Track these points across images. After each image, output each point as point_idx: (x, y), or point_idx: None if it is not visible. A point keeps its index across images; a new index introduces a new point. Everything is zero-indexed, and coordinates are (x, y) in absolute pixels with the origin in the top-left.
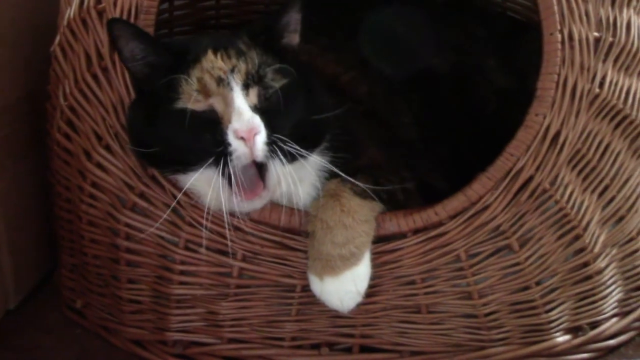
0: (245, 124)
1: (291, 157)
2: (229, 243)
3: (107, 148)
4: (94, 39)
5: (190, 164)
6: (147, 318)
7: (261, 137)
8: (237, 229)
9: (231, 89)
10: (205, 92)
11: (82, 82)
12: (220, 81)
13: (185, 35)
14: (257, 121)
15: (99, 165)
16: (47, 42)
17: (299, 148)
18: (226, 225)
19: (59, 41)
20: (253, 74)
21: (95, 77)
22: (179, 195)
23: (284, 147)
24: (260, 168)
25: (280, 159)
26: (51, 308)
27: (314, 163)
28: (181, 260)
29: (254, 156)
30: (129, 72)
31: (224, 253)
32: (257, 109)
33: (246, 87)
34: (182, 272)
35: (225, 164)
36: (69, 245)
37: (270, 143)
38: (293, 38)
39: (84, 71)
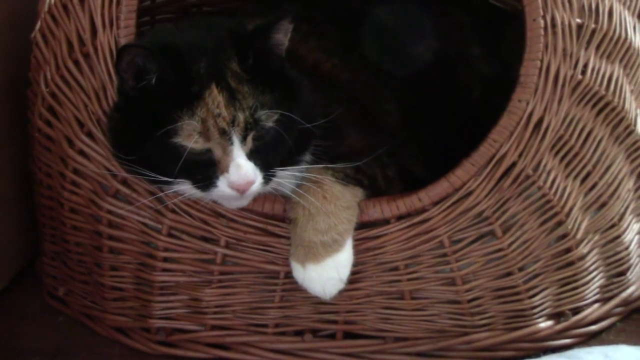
0: (243, 177)
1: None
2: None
3: (89, 134)
4: (75, 25)
5: (171, 183)
6: (129, 305)
7: (257, 185)
8: (220, 215)
9: (232, 143)
10: (206, 136)
11: (64, 68)
12: (223, 132)
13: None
14: (254, 174)
15: (81, 152)
16: (28, 28)
17: (288, 167)
18: None
19: (40, 27)
20: (250, 122)
21: (76, 63)
22: None
23: (276, 175)
24: None
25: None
26: (33, 296)
27: None
28: (164, 247)
29: (246, 197)
30: (121, 85)
31: (207, 240)
32: (252, 153)
33: (244, 137)
34: (165, 259)
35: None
36: (51, 232)
37: (265, 181)
38: (282, 49)
39: (65, 57)
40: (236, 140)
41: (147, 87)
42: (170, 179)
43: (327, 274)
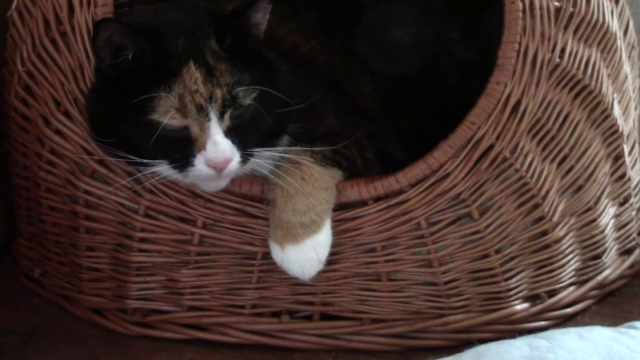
0: (220, 154)
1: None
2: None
3: (66, 114)
4: (52, 3)
5: (149, 165)
6: (106, 286)
7: (234, 163)
8: (197, 196)
9: (209, 120)
10: (183, 112)
11: (41, 47)
12: (200, 109)
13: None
14: (231, 152)
15: (58, 132)
16: (4, 7)
17: (267, 149)
18: None
19: (16, 5)
20: (228, 99)
21: (53, 42)
22: None
23: (254, 155)
24: None
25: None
26: (8, 277)
27: None
28: (141, 227)
29: (223, 176)
30: (98, 62)
31: (185, 220)
32: (230, 130)
33: (222, 114)
34: (142, 240)
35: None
36: (27, 213)
37: (243, 160)
38: (261, 30)
39: (42, 36)
40: (213, 117)
41: (124, 65)
42: (147, 160)
43: (305, 254)
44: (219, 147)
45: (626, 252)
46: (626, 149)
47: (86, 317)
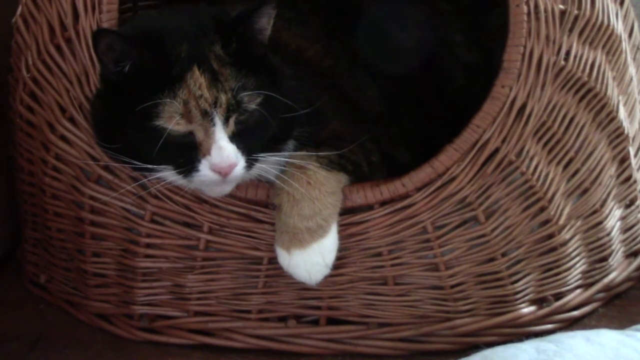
0: (225, 159)
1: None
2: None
3: (71, 120)
4: (57, 10)
5: (154, 170)
6: (112, 292)
7: (239, 168)
8: (203, 201)
9: (214, 125)
10: (188, 118)
11: (45, 53)
12: (205, 114)
13: (150, 10)
14: (236, 156)
15: (63, 138)
16: (9, 13)
17: (272, 154)
18: None
19: (21, 12)
20: (232, 104)
21: (58, 48)
22: None
23: (259, 160)
24: None
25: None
26: (14, 283)
27: None
28: (147, 233)
29: (228, 181)
30: (102, 69)
31: (190, 225)
32: (235, 135)
33: (227, 119)
34: (147, 245)
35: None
36: (32, 219)
37: (248, 165)
38: (265, 35)
39: (47, 42)
40: (218, 122)
41: (127, 71)
42: (153, 166)
43: (312, 259)
44: (223, 152)
45: (632, 254)
46: (632, 151)
47: (92, 322)
